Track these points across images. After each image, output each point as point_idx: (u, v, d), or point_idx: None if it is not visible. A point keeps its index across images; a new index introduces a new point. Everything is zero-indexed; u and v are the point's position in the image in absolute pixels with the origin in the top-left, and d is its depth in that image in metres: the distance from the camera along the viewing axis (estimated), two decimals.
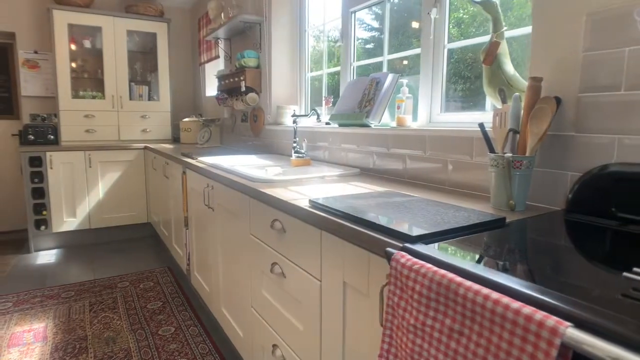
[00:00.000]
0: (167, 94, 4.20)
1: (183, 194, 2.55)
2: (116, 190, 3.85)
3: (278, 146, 2.74)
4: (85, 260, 3.43)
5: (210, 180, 2.00)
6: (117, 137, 4.03)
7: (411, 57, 2.01)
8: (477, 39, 1.64)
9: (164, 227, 3.39)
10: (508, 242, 0.85)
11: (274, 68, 2.77)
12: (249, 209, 1.57)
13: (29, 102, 4.00)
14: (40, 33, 3.95)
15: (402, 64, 2.10)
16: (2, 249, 3.68)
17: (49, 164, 3.57)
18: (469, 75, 1.81)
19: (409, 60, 2.07)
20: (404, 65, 2.09)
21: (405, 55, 2.00)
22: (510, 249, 0.81)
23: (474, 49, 1.69)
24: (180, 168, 2.62)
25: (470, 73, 1.81)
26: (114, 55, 3.93)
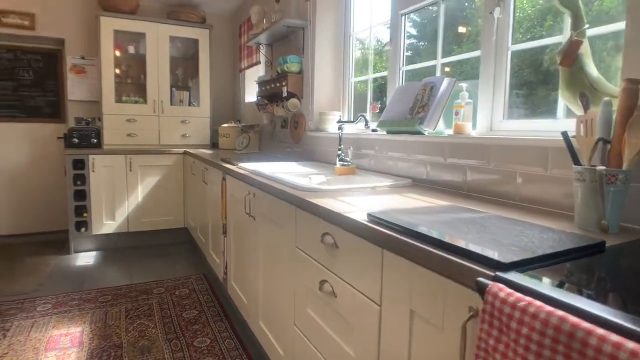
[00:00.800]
0: (207, 100, 4.21)
1: (222, 200, 2.49)
2: (154, 195, 3.87)
3: (319, 153, 2.64)
4: (123, 263, 3.44)
5: (252, 187, 1.92)
6: (158, 141, 4.06)
7: (454, 62, 1.87)
8: (542, 40, 1.49)
9: (200, 233, 3.36)
10: (620, 273, 0.70)
11: (317, 73, 2.68)
12: (295, 220, 1.47)
13: (75, 106, 4.09)
14: (88, 39, 4.05)
15: (445, 70, 1.97)
16: (44, 249, 3.76)
17: (91, 167, 3.62)
18: (532, 79, 1.66)
19: (451, 66, 1.93)
20: (446, 72, 1.95)
21: (458, 60, 1.86)
22: (627, 282, 0.66)
23: (534, 52, 1.54)
24: (219, 174, 2.57)
25: (534, 77, 1.65)
26: (157, 61, 3.97)
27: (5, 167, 4.14)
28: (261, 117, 3.69)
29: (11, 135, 4.13)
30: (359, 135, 2.20)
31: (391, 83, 2.22)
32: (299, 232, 1.45)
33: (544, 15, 1.64)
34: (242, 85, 4.33)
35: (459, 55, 1.84)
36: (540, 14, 1.64)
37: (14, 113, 4.11)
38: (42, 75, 4.15)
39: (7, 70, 4.04)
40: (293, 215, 1.49)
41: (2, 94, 4.05)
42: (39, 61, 4.12)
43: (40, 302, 2.67)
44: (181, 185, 3.96)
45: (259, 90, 3.32)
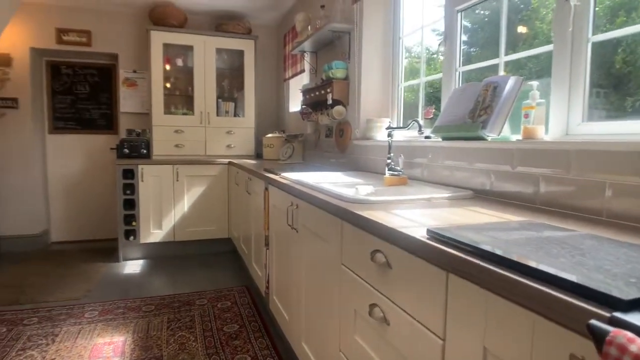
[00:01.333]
0: (252, 110, 4.20)
1: (264, 211, 2.41)
2: (200, 204, 3.88)
3: (366, 163, 2.50)
4: (168, 272, 3.44)
5: (295, 198, 1.81)
6: (204, 152, 4.08)
7: (512, 63, 1.67)
8: (627, 28, 1.27)
9: (244, 244, 3.30)
10: None
11: (364, 78, 2.55)
12: (341, 234, 1.34)
13: (126, 118, 4.22)
14: (139, 54, 4.18)
15: (503, 72, 1.77)
16: (96, 256, 3.86)
17: (140, 177, 3.68)
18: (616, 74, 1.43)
19: (510, 67, 1.73)
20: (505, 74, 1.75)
21: (521, 58, 1.66)
22: None
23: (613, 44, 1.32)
24: (262, 184, 2.49)
25: (617, 71, 1.43)
26: (204, 73, 4.02)
27: (62, 177, 4.32)
28: (305, 127, 3.60)
29: (69, 147, 4.32)
30: (410, 142, 2.04)
31: (446, 86, 2.04)
32: (346, 247, 1.31)
33: (615, 11, 1.42)
34: (287, 95, 4.28)
35: (526, 52, 1.65)
36: (610, 10, 1.43)
37: (71, 125, 4.30)
38: (97, 89, 4.32)
39: (67, 85, 4.25)
40: (338, 229, 1.35)
41: (62, 107, 4.26)
42: (94, 75, 4.30)
43: (89, 308, 2.69)
44: (226, 195, 3.95)
45: (303, 99, 3.24)
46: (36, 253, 3.94)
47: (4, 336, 2.32)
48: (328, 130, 3.11)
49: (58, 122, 4.25)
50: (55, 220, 4.34)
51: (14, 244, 3.98)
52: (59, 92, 4.23)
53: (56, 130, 4.26)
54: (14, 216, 3.98)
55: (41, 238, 4.12)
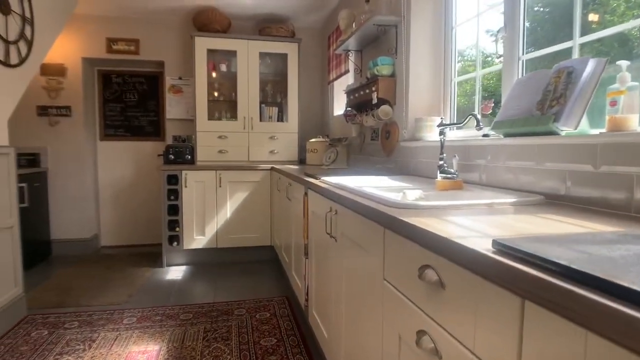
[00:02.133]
0: (295, 115, 4.09)
1: (304, 218, 2.25)
2: (242, 211, 3.81)
3: (416, 166, 2.28)
4: (209, 279, 3.38)
5: (334, 203, 1.64)
6: (247, 157, 4.03)
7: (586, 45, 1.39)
8: None
9: (285, 252, 3.17)
10: None
11: (413, 74, 2.35)
12: (383, 243, 1.15)
13: (172, 125, 4.26)
14: (184, 61, 4.22)
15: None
16: (141, 261, 3.89)
17: (184, 182, 3.68)
18: None
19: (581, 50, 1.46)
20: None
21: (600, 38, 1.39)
22: None
23: None
24: (302, 189, 2.34)
25: None
26: (247, 78, 3.97)
27: (112, 182, 4.44)
28: (350, 130, 3.43)
29: (118, 153, 4.43)
30: (466, 141, 1.80)
31: (507, 76, 1.79)
32: (389, 260, 1.12)
33: None
34: (331, 98, 4.14)
35: (610, 29, 1.38)
36: None
37: (121, 132, 4.41)
38: (145, 97, 4.42)
39: (117, 93, 4.37)
40: (380, 238, 1.16)
41: (112, 115, 4.39)
42: (143, 84, 4.40)
43: (128, 314, 2.66)
44: (268, 202, 3.86)
45: (348, 100, 3.07)
46: (86, 257, 4.05)
47: (44, 339, 2.32)
48: (373, 133, 2.92)
49: (109, 129, 4.38)
50: (105, 225, 4.46)
51: (66, 247, 4.11)
52: (109, 100, 4.36)
53: (107, 138, 4.39)
54: (66, 221, 4.12)
55: (91, 242, 4.24)
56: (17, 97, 2.61)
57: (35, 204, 3.77)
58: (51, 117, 4.01)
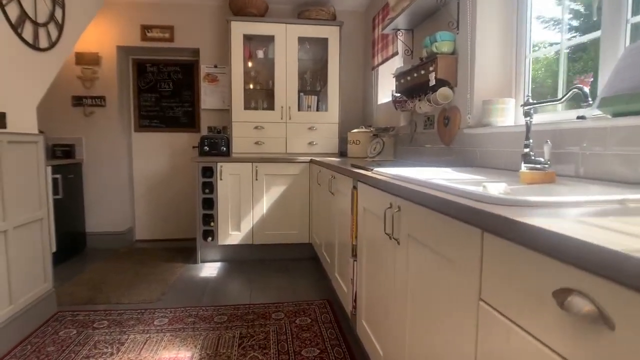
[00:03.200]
0: (336, 104, 3.82)
1: (352, 215, 1.98)
2: (279, 206, 3.58)
3: (483, 157, 1.96)
4: (244, 278, 3.17)
5: (396, 198, 1.36)
6: (284, 149, 3.80)
7: None
8: None
9: (326, 251, 2.91)
10: None
11: (480, 50, 2.02)
12: (480, 251, 0.86)
13: (208, 115, 4.09)
14: (220, 47, 4.03)
15: None
16: (175, 257, 3.74)
17: (219, 175, 3.49)
18: None
19: None
20: None
21: None
22: None
23: None
24: (349, 182, 2.07)
25: None
26: (285, 65, 3.73)
27: (147, 175, 4.32)
28: (397, 119, 3.12)
29: (153, 145, 4.31)
30: (557, 125, 1.47)
31: (609, 45, 1.45)
32: (491, 275, 0.83)
33: None
34: (375, 85, 3.83)
35: None
36: None
37: (155, 123, 4.29)
38: (180, 87, 4.27)
39: (152, 83, 4.24)
40: (475, 244, 0.87)
41: (147, 105, 4.26)
42: (177, 72, 4.25)
43: (159, 314, 2.49)
44: (307, 196, 3.61)
45: (397, 85, 2.77)
46: (120, 251, 3.95)
47: (72, 339, 2.17)
48: (427, 120, 2.61)
49: (143, 120, 4.26)
50: (140, 219, 4.36)
51: (101, 240, 4.03)
52: (144, 90, 4.24)
53: (141, 129, 4.27)
54: (101, 214, 4.04)
55: (126, 236, 4.14)
56: (46, 83, 2.47)
57: (70, 196, 3.69)
58: (86, 107, 3.92)
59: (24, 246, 2.23)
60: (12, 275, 2.12)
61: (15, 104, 2.18)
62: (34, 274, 2.33)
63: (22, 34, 2.22)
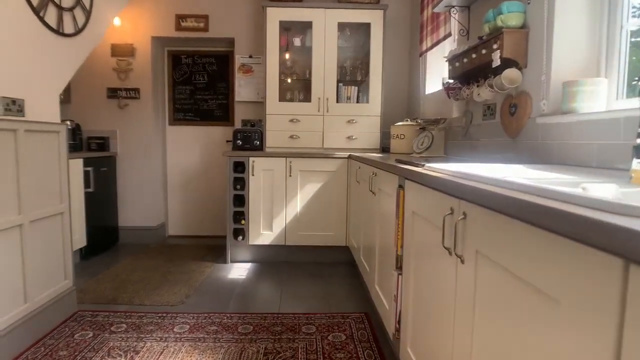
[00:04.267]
0: (378, 95, 3.50)
1: (397, 219, 1.67)
2: (314, 205, 3.31)
3: (563, 151, 1.58)
4: (274, 282, 2.93)
5: (461, 201, 1.04)
6: (321, 144, 3.52)
7: None
8: None
9: (364, 257, 2.61)
10: None
11: (560, 19, 1.64)
12: (620, 294, 0.53)
13: (242, 108, 3.89)
14: (255, 37, 3.81)
15: None
16: (205, 255, 3.57)
17: (251, 170, 3.27)
18: None
19: None
20: None
21: None
22: None
23: None
24: (394, 180, 1.76)
25: None
26: (323, 53, 3.45)
27: (180, 169, 4.19)
28: (449, 110, 2.77)
29: (187, 138, 4.17)
30: None
31: None
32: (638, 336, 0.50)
33: None
34: (422, 73, 3.47)
35: None
36: None
37: (190, 116, 4.14)
38: (214, 79, 4.10)
39: (186, 75, 4.10)
40: (609, 279, 0.55)
41: (181, 98, 4.13)
42: (212, 64, 4.08)
43: (181, 319, 2.29)
44: (344, 195, 3.32)
45: (450, 70, 2.42)
46: (151, 246, 3.83)
47: (87, 343, 2.01)
48: (487, 110, 2.24)
49: (178, 113, 4.13)
50: (173, 214, 4.23)
51: (133, 235, 3.93)
52: (178, 83, 4.10)
53: (176, 122, 4.14)
54: (134, 208, 3.94)
55: (158, 231, 4.02)
56: (71, 70, 2.32)
57: (103, 189, 3.60)
58: (120, 99, 3.83)
59: (42, 241, 2.09)
60: (28, 271, 1.98)
61: (35, 91, 2.03)
62: (53, 271, 2.20)
63: (45, 18, 2.07)
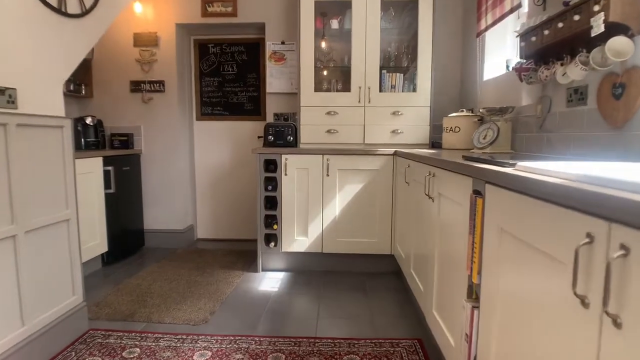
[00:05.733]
0: (428, 83, 3.06)
1: (472, 235, 1.26)
2: (355, 208, 2.93)
3: None
4: (310, 296, 2.58)
5: (615, 226, 0.63)
6: (362, 139, 3.13)
7: None
8: None
9: (416, 273, 2.21)
10: None
11: None
12: None
13: (274, 100, 3.56)
14: (287, 21, 3.46)
15: None
16: (236, 261, 3.27)
17: (283, 169, 2.93)
18: None
19: None
20: None
21: None
22: None
23: None
24: (465, 184, 1.35)
25: None
26: (364, 37, 3.05)
27: (208, 168, 3.92)
28: (515, 98, 2.31)
29: (215, 135, 3.89)
30: None
31: None
32: None
33: None
34: (480, 56, 3.00)
35: None
36: None
37: (218, 111, 3.85)
38: (244, 69, 3.78)
39: (214, 66, 3.81)
40: None
41: (209, 91, 3.85)
42: (242, 53, 3.77)
43: (202, 343, 1.97)
44: (389, 197, 2.91)
45: (523, 47, 1.96)
46: (178, 252, 3.57)
47: None
48: (575, 94, 1.77)
49: (205, 107, 3.85)
50: (201, 216, 3.97)
51: (160, 239, 3.69)
52: (206, 74, 3.82)
53: (203, 117, 3.86)
54: (160, 210, 3.70)
55: (186, 235, 3.76)
56: (78, 56, 2.05)
57: (126, 190, 3.37)
58: (144, 93, 3.58)
59: (42, 254, 1.83)
60: (25, 290, 1.72)
61: (31, 79, 1.77)
62: (57, 287, 1.93)
63: None
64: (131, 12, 3.48)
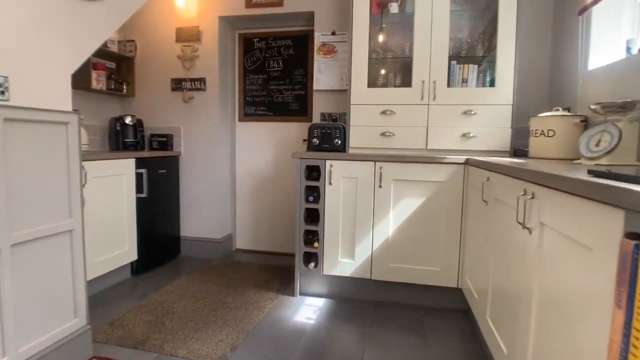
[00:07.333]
0: (510, 75, 2.47)
1: (621, 307, 0.72)
2: (413, 228, 2.41)
3: None
4: (355, 333, 2.10)
5: None
6: (424, 144, 2.61)
7: None
8: None
9: (495, 322, 1.65)
10: None
11: None
12: None
13: (321, 98, 3.13)
14: (339, 8, 3.03)
15: None
16: (271, 279, 2.87)
17: (327, 177, 2.49)
18: None
19: None
20: None
21: None
22: None
23: None
24: (604, 218, 0.81)
25: None
26: (430, 21, 2.54)
27: (250, 173, 3.58)
28: (635, 90, 1.68)
29: (258, 137, 3.54)
30: None
31: None
32: None
33: None
34: (582, 41, 2.35)
35: None
36: None
37: (262, 111, 3.50)
38: (291, 65, 3.40)
39: (259, 62, 3.47)
40: None
41: (253, 89, 3.51)
42: (289, 47, 3.39)
43: None
44: (458, 217, 2.36)
45: None
46: (213, 263, 3.24)
47: None
48: None
49: (249, 107, 3.51)
50: (241, 225, 3.64)
51: (196, 248, 3.41)
52: (250, 71, 3.48)
53: (246, 117, 3.53)
54: (197, 217, 3.41)
55: (223, 244, 3.44)
56: (92, 44, 1.75)
57: (160, 195, 3.11)
58: (185, 91, 3.32)
59: (35, 271, 1.53)
60: (8, 316, 1.42)
61: (29, 67, 1.48)
62: (54, 310, 1.63)
63: None
64: (173, 6, 3.24)
